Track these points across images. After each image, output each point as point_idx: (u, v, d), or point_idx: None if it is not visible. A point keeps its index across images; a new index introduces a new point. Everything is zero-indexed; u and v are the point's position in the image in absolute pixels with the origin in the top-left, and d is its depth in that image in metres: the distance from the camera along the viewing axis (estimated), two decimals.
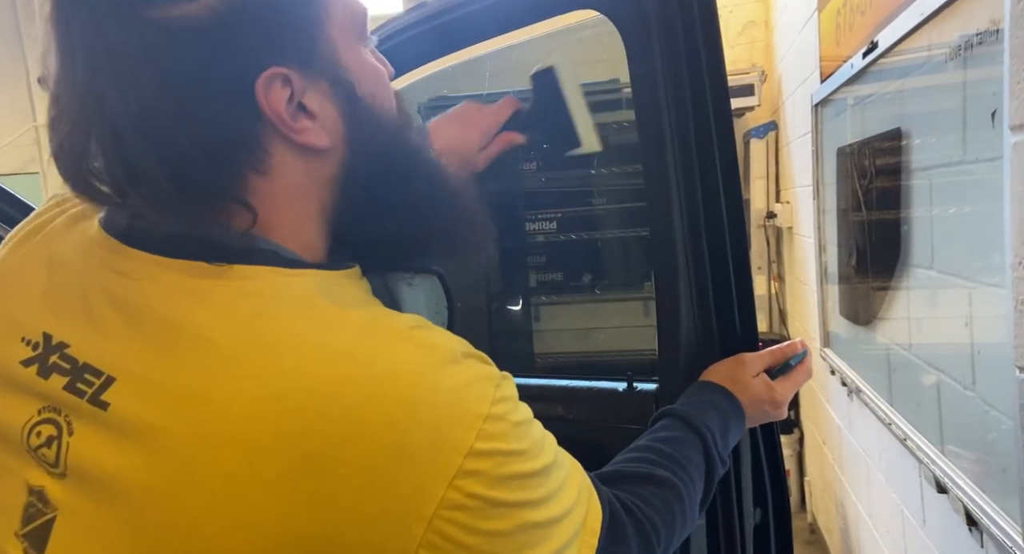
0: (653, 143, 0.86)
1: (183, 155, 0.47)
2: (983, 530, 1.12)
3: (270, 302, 0.48)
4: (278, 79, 0.48)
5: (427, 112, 3.41)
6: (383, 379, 0.45)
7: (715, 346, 0.88)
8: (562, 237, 3.61)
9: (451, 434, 0.45)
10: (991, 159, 1.03)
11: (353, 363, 0.45)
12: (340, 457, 0.43)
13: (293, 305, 0.48)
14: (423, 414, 0.44)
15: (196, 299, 0.48)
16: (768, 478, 0.91)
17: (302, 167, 0.51)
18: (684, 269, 0.87)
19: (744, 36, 3.39)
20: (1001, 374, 1.04)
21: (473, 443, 0.45)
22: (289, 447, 0.43)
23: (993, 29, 1.01)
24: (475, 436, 0.45)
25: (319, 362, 0.45)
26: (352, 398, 0.44)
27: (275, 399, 0.44)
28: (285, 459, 0.43)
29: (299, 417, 0.43)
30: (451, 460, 0.44)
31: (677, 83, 0.85)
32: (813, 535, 2.89)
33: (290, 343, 0.46)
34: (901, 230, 1.46)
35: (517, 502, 0.47)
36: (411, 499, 0.43)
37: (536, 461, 0.49)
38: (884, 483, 1.80)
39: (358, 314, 0.49)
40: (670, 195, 0.86)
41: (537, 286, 3.75)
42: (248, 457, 0.43)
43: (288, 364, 0.45)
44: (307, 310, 0.48)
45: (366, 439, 0.43)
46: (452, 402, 0.46)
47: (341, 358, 0.45)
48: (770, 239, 3.29)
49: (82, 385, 0.48)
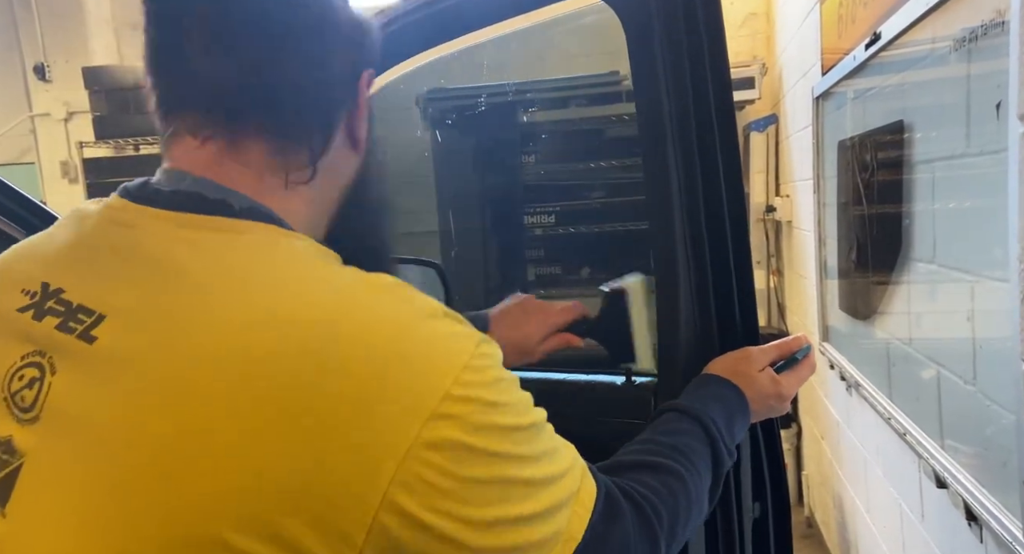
0: (653, 135, 0.85)
1: (301, 95, 0.56)
2: (983, 525, 1.11)
3: (262, 248, 0.52)
4: (368, 76, 0.60)
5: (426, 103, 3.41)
6: (368, 319, 0.47)
7: (715, 340, 0.87)
8: (560, 230, 3.61)
9: (429, 377, 0.46)
10: (995, 151, 1.02)
11: (340, 302, 0.48)
12: (318, 387, 0.44)
13: (285, 254, 0.52)
14: (403, 354, 0.46)
15: (188, 244, 0.51)
16: (767, 472, 0.90)
17: (344, 155, 0.61)
18: (684, 263, 0.86)
19: (745, 28, 3.37)
20: (1003, 368, 1.04)
21: (449, 388, 0.46)
22: (269, 373, 0.44)
23: (999, 20, 1.00)
24: (451, 382, 0.46)
25: (307, 297, 0.47)
26: (336, 331, 0.46)
27: (257, 327, 0.45)
28: (264, 386, 0.44)
29: (280, 344, 0.45)
30: (426, 402, 0.45)
31: (678, 73, 0.84)
32: (810, 529, 2.90)
33: (278, 280, 0.49)
34: (902, 224, 1.45)
35: (497, 453, 0.48)
36: (385, 435, 0.44)
37: (519, 418, 0.50)
38: (882, 477, 1.80)
39: (348, 270, 0.52)
40: (670, 188, 0.85)
41: (535, 280, 3.75)
42: (227, 384, 0.44)
43: (274, 297, 0.47)
44: (298, 259, 0.52)
45: (345, 372, 0.44)
46: (432, 349, 0.48)
47: (328, 296, 0.48)
48: (769, 233, 3.28)
49: (73, 323, 0.50)
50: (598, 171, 3.30)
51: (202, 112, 0.55)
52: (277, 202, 0.55)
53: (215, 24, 0.54)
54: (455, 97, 3.13)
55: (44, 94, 4.18)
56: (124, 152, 3.90)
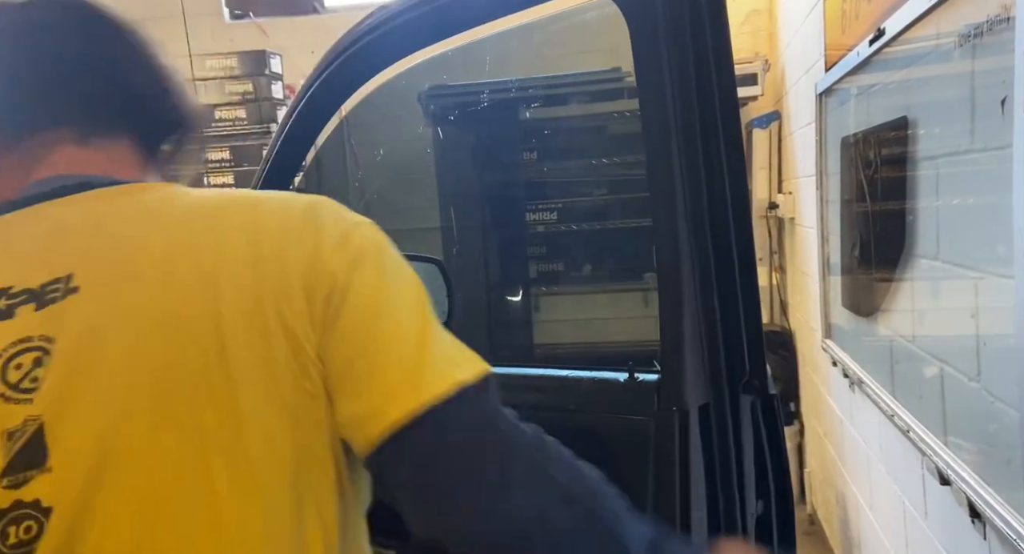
0: (657, 132, 0.85)
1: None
2: (986, 522, 1.11)
3: (166, 188, 0.67)
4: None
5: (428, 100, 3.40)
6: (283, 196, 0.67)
7: (718, 337, 0.87)
8: (563, 227, 3.60)
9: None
10: (1000, 147, 1.02)
11: (264, 195, 0.67)
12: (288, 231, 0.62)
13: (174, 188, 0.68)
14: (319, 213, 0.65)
15: (122, 203, 0.64)
16: (770, 470, 0.90)
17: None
18: (687, 260, 0.86)
19: (747, 25, 3.36)
20: (1007, 365, 1.03)
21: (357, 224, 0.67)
22: (264, 230, 0.61)
23: (1004, 15, 0.99)
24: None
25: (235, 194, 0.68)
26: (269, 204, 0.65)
27: (215, 212, 0.63)
28: (260, 238, 0.61)
29: (250, 218, 0.63)
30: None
31: (683, 70, 0.83)
32: (813, 527, 2.90)
33: (202, 194, 0.67)
34: (906, 220, 1.45)
35: (405, 267, 0.66)
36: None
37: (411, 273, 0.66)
38: (885, 475, 1.80)
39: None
40: (673, 185, 0.85)
41: (537, 277, 3.75)
42: (195, 252, 0.60)
43: (213, 198, 0.67)
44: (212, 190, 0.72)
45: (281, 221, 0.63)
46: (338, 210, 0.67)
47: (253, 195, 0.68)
48: (772, 230, 3.28)
49: (51, 296, 0.57)
50: (600, 168, 3.29)
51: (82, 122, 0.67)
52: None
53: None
54: (457, 94, 3.12)
55: None
56: None
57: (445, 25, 0.99)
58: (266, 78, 3.65)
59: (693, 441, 0.86)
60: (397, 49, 1.04)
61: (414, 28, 0.98)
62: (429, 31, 1.00)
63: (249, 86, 3.65)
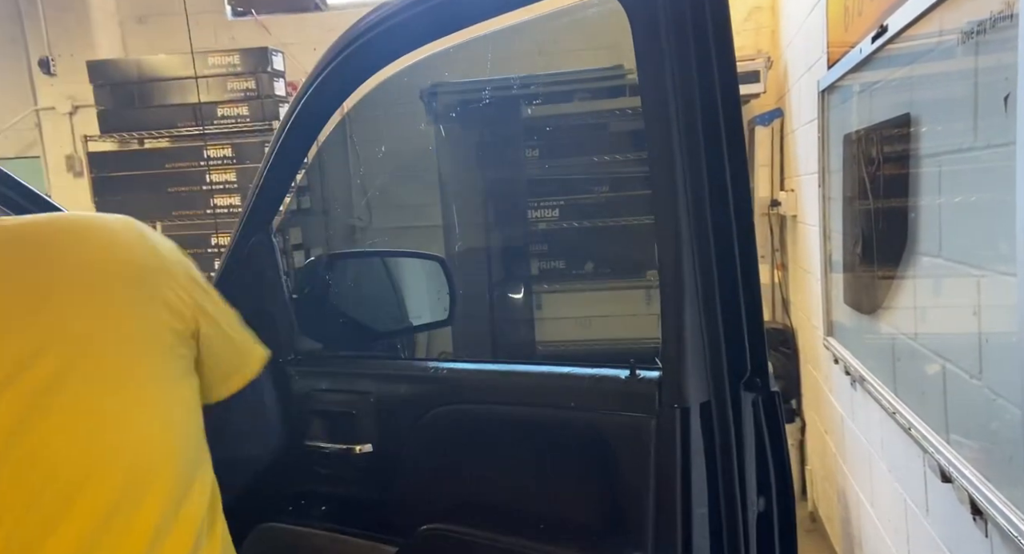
0: (659, 129, 0.85)
1: None
2: (988, 519, 1.11)
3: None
4: None
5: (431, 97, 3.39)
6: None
7: (719, 335, 0.87)
8: (564, 225, 3.60)
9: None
10: (1003, 145, 1.02)
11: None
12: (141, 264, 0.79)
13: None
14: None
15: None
16: (772, 467, 0.90)
17: None
18: (689, 257, 0.85)
19: (750, 22, 3.36)
20: (1009, 362, 1.03)
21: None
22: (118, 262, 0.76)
23: (1007, 12, 0.99)
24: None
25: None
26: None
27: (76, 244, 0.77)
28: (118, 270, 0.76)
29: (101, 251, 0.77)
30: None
31: (684, 67, 0.83)
32: (814, 524, 2.90)
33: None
34: (908, 217, 1.45)
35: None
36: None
37: None
38: (887, 472, 1.79)
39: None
40: (675, 183, 0.85)
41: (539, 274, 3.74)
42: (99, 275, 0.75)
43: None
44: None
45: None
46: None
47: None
48: (774, 227, 3.27)
49: None
50: (602, 165, 3.29)
51: None
52: None
53: None
54: (459, 91, 3.12)
55: (49, 88, 4.18)
56: (129, 146, 3.90)
57: (446, 22, 0.99)
58: (268, 75, 3.65)
59: (694, 438, 0.86)
60: (398, 46, 1.04)
61: (415, 25, 0.98)
62: (430, 28, 1.00)
63: (251, 83, 3.65)
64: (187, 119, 3.69)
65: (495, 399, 1.08)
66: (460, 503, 1.11)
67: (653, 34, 0.82)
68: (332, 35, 1.09)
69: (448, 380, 1.14)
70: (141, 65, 3.78)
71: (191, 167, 3.67)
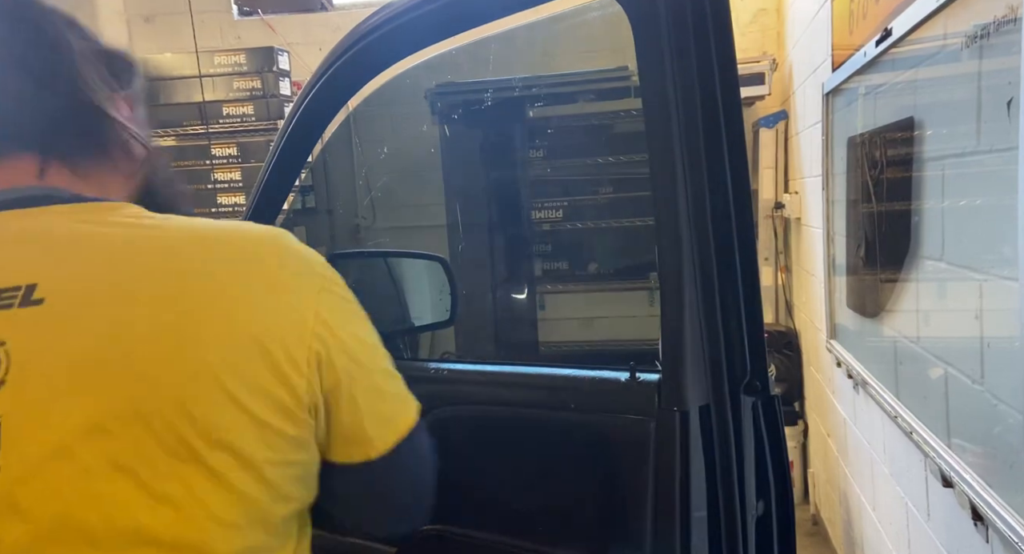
0: (659, 131, 0.85)
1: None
2: (989, 525, 1.11)
3: (131, 208, 0.68)
4: (124, 101, 0.74)
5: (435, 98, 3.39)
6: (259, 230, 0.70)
7: (719, 337, 0.87)
8: (568, 226, 3.60)
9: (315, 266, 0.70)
10: (1006, 149, 1.02)
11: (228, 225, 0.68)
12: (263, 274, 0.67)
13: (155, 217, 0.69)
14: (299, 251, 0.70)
15: (90, 221, 0.65)
16: (771, 470, 0.90)
17: (126, 165, 0.74)
18: (689, 259, 0.85)
19: (755, 24, 3.35)
20: (1011, 368, 1.03)
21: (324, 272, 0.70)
22: (235, 267, 0.65)
23: (1011, 17, 0.99)
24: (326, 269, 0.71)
25: (206, 225, 0.67)
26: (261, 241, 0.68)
27: (195, 242, 0.65)
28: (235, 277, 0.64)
29: (228, 251, 0.66)
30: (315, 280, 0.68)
31: (685, 69, 0.83)
32: (815, 527, 2.89)
33: (174, 219, 0.67)
34: (911, 221, 1.45)
35: (368, 326, 0.72)
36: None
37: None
38: (888, 476, 1.79)
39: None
40: (676, 185, 0.85)
41: (542, 275, 3.74)
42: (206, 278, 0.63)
43: (187, 226, 0.66)
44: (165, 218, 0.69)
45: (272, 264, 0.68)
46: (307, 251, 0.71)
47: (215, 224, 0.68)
48: (777, 230, 3.27)
49: (6, 302, 0.59)
50: (606, 166, 3.29)
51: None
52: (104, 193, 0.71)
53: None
54: (464, 92, 3.12)
55: None
56: None
57: (450, 23, 0.99)
58: (274, 75, 3.66)
59: (694, 442, 0.86)
60: (402, 47, 1.04)
61: (419, 26, 0.98)
62: (434, 29, 1.00)
63: (257, 82, 3.66)
64: (193, 118, 3.70)
65: (495, 400, 1.09)
66: (459, 504, 1.11)
67: (653, 34, 0.82)
68: (338, 35, 1.10)
69: (448, 381, 1.14)
70: (147, 64, 3.79)
71: (196, 165, 3.68)
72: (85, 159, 0.70)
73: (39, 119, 0.68)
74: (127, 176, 0.73)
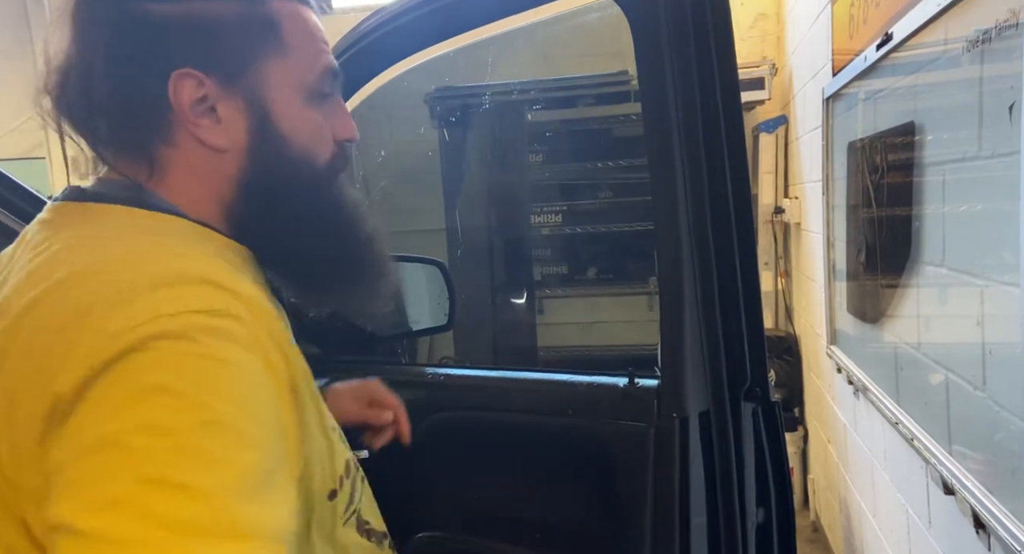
0: (659, 135, 0.84)
1: (113, 112, 0.63)
2: (991, 532, 1.10)
3: (93, 225, 0.60)
4: (190, 79, 0.61)
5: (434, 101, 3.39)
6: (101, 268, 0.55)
7: (719, 343, 0.86)
8: (567, 230, 3.59)
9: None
10: (1008, 154, 1.01)
11: (91, 259, 0.56)
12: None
13: (115, 228, 0.60)
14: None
15: (48, 227, 0.61)
16: (771, 477, 0.89)
17: (203, 154, 0.63)
18: (689, 264, 0.85)
19: (755, 29, 3.35)
20: (1013, 374, 1.02)
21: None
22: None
23: (1013, 21, 0.98)
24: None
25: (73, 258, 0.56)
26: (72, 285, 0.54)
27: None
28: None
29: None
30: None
31: (685, 72, 0.82)
32: (815, 534, 2.88)
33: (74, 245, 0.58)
34: (912, 226, 1.44)
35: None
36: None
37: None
38: (889, 483, 1.78)
39: (149, 239, 0.59)
40: (675, 189, 0.84)
41: (541, 279, 3.73)
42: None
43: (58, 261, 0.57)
44: (122, 231, 0.60)
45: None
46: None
47: (85, 256, 0.56)
48: (777, 234, 3.26)
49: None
50: (606, 171, 3.29)
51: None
52: (152, 189, 0.64)
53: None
54: (463, 95, 3.12)
55: None
56: None
57: (448, 26, 0.99)
58: None
59: (693, 448, 0.86)
60: (400, 49, 1.03)
61: (417, 28, 0.97)
62: (432, 32, 1.00)
63: None
64: None
65: (493, 406, 1.08)
66: (457, 511, 1.10)
67: (653, 36, 0.82)
68: (337, 38, 1.09)
69: (446, 386, 1.13)
70: None
71: None
72: (138, 148, 0.63)
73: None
74: (195, 171, 0.63)
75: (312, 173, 0.67)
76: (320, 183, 0.68)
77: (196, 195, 0.64)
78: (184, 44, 0.60)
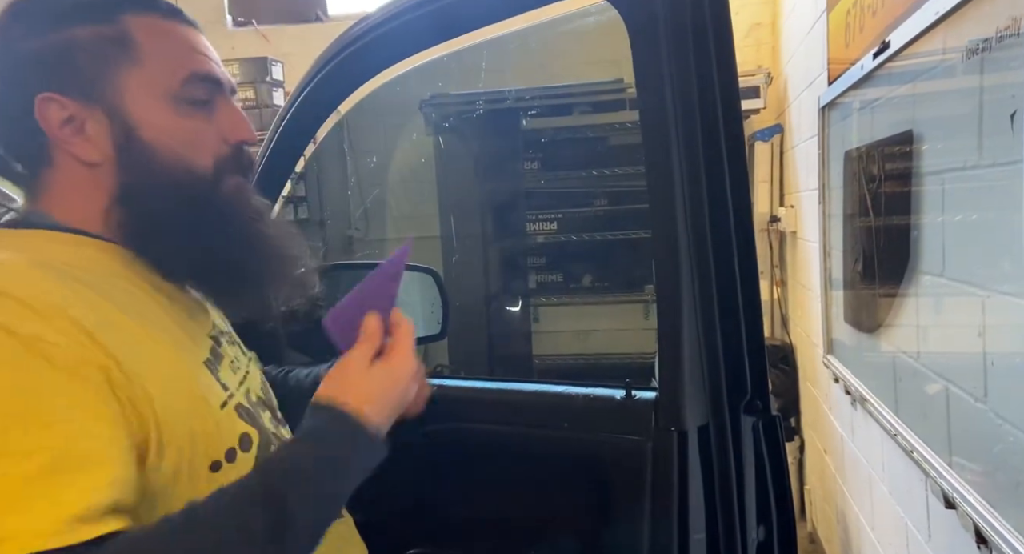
0: (657, 142, 0.83)
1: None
2: (993, 548, 1.08)
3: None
4: (52, 102, 0.66)
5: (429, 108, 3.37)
6: None
7: (718, 353, 0.84)
8: (563, 238, 3.58)
9: None
10: (1008, 163, 1.00)
11: None
12: None
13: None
14: None
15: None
16: (773, 494, 0.87)
17: (81, 170, 0.69)
18: (687, 273, 0.83)
19: (750, 38, 3.36)
20: (1015, 386, 1.01)
21: None
22: None
23: (1014, 30, 0.97)
24: None
25: None
26: None
27: None
28: None
29: None
30: None
31: (684, 78, 0.81)
32: (812, 545, 2.86)
33: None
34: (910, 236, 1.43)
35: None
36: None
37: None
38: (888, 495, 1.76)
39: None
40: (674, 197, 0.82)
41: (537, 287, 3.72)
42: None
43: None
44: None
45: None
46: None
47: None
48: (773, 243, 3.25)
49: None
50: (601, 179, 3.28)
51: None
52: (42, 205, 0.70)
53: None
54: (458, 103, 3.11)
55: None
56: None
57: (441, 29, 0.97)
58: (267, 85, 3.64)
59: (692, 463, 0.84)
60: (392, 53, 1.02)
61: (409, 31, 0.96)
62: (425, 35, 0.98)
63: (250, 93, 3.63)
64: None
65: (487, 418, 1.06)
66: (448, 525, 1.08)
67: (651, 40, 0.80)
68: None
69: (439, 398, 1.11)
70: None
71: None
72: (29, 173, 0.69)
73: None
74: (77, 186, 0.69)
75: (191, 178, 0.70)
76: (201, 187, 0.70)
77: (79, 208, 0.69)
78: (43, 72, 0.66)
